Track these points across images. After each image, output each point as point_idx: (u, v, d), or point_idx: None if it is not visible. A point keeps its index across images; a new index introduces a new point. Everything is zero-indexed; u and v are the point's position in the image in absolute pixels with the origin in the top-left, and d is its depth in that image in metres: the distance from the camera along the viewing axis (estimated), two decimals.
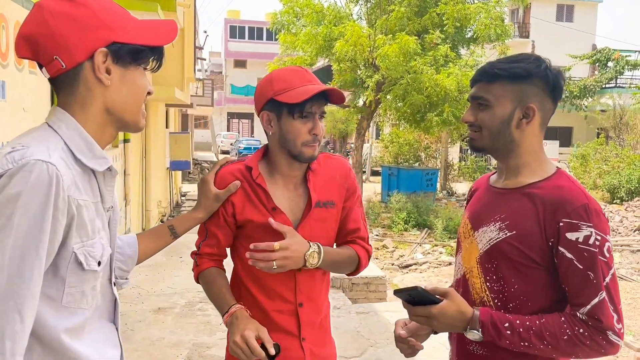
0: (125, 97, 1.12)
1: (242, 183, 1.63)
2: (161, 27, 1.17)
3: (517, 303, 1.40)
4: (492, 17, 11.78)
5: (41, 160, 0.97)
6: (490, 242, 1.43)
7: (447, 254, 8.24)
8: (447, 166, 15.86)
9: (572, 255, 1.32)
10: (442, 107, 11.15)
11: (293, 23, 12.78)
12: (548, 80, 1.40)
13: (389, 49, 10.59)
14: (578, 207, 1.32)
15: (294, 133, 1.58)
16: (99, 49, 1.06)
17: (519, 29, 28.51)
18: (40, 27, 1.04)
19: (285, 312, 1.65)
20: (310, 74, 1.63)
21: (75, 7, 1.05)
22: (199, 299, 5.33)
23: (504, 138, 1.43)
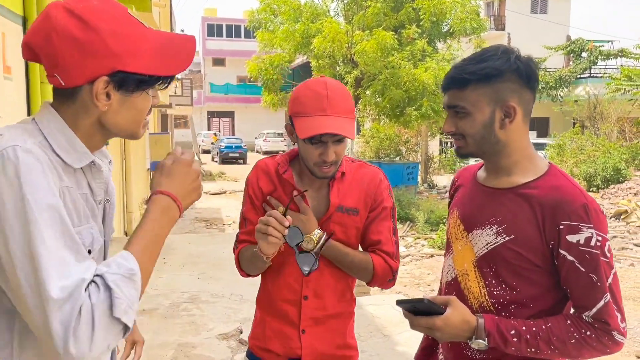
0: (123, 119, 1.09)
1: (273, 177, 1.74)
2: (177, 51, 1.11)
3: (519, 306, 1.36)
4: (467, 11, 11.90)
5: (19, 146, 0.96)
6: (487, 247, 1.38)
7: (429, 246, 8.34)
8: (427, 159, 16.00)
9: (573, 257, 1.28)
10: (421, 101, 11.25)
11: (270, 20, 12.75)
12: (521, 72, 1.34)
13: (367, 45, 10.65)
14: (578, 207, 1.27)
15: (305, 153, 1.65)
16: (100, 78, 1.02)
17: (494, 22, 28.82)
18: (43, 43, 1.01)
19: (289, 302, 1.73)
20: (328, 100, 1.57)
21: (83, 30, 1.00)
22: (183, 299, 5.34)
23: (489, 141, 1.37)
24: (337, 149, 1.61)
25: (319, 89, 1.60)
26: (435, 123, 13.86)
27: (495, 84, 1.34)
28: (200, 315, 4.95)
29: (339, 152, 1.62)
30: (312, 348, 1.73)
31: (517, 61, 1.34)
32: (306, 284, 1.71)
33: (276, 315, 1.75)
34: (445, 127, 1.44)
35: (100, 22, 1.01)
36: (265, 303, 1.79)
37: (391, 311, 4.99)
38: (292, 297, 1.73)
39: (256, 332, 1.81)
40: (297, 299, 1.72)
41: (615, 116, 17.53)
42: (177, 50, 1.11)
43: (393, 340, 4.43)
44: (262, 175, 1.75)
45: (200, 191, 1.17)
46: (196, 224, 9.83)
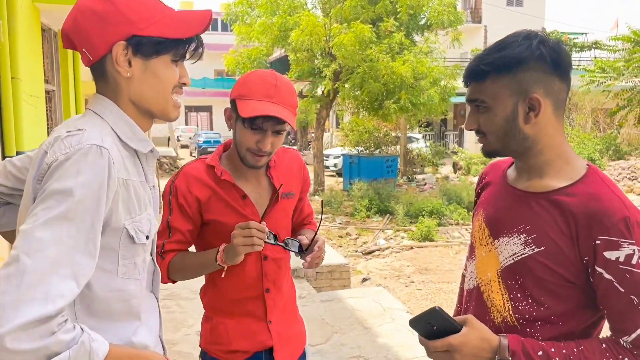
0: (148, 88, 1.16)
1: (207, 182, 1.69)
2: (192, 18, 1.19)
3: (546, 323, 1.23)
4: (444, 4, 11.96)
5: (96, 145, 1.03)
6: (514, 257, 1.25)
7: (408, 239, 8.40)
8: (406, 152, 16.08)
9: (611, 276, 1.14)
10: (399, 94, 11.30)
11: (247, 13, 12.66)
12: (545, 58, 1.18)
13: (345, 38, 10.64)
14: (618, 221, 1.13)
15: (240, 138, 1.64)
16: (117, 42, 1.11)
17: (471, 15, 29.02)
18: (71, 23, 1.13)
19: (253, 297, 1.75)
20: (276, 88, 1.61)
21: (101, 3, 1.11)
22: (162, 296, 5.28)
23: (515, 138, 1.23)
24: (274, 140, 1.63)
25: (268, 78, 1.63)
26: (414, 116, 13.94)
27: (516, 73, 1.19)
28: (180, 312, 4.91)
29: (275, 144, 1.65)
30: (280, 335, 1.78)
31: (541, 46, 1.18)
32: (266, 277, 1.75)
33: (237, 314, 1.75)
34: (467, 124, 1.30)
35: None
36: (221, 306, 1.77)
37: (371, 304, 5.01)
38: (254, 293, 1.75)
39: (215, 337, 1.78)
40: (259, 293, 1.75)
41: (589, 107, 17.85)
42: (192, 16, 1.19)
43: (374, 332, 4.46)
44: (193, 182, 1.69)
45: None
46: None
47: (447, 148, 20.86)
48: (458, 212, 9.70)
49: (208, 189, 1.68)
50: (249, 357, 1.75)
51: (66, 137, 1.05)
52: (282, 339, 1.79)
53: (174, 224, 1.69)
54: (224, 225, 1.67)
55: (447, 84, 12.24)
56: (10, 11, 4.37)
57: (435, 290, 5.99)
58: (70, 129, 1.08)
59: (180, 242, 1.71)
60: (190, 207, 1.68)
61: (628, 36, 14.52)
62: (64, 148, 1.03)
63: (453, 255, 7.56)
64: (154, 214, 1.27)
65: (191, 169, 1.71)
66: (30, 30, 5.03)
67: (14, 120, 4.43)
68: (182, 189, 1.68)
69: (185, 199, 1.68)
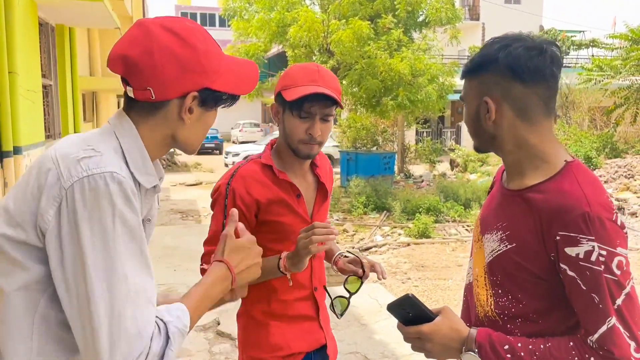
0: (196, 133, 1.16)
1: (265, 182, 1.67)
2: (246, 74, 1.19)
3: (525, 320, 1.24)
4: (443, 1, 11.95)
5: (116, 173, 0.99)
6: (493, 253, 1.28)
7: (405, 235, 8.41)
8: (403, 149, 16.08)
9: (574, 273, 1.13)
10: (397, 91, 11.28)
11: (245, 9, 12.62)
12: (500, 64, 1.21)
13: (343, 34, 10.62)
14: (577, 216, 1.11)
15: (290, 129, 1.64)
16: (192, 93, 1.09)
17: (469, 12, 29.00)
18: (144, 56, 1.05)
19: (304, 298, 1.76)
20: (321, 73, 1.64)
21: (183, 47, 1.07)
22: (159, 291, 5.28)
23: (482, 136, 1.29)
24: (323, 126, 1.64)
25: (309, 66, 1.67)
26: (412, 113, 13.93)
27: (481, 75, 1.25)
28: None
29: (325, 131, 1.65)
30: (327, 331, 1.82)
31: (500, 52, 1.22)
32: (314, 276, 1.78)
33: (291, 316, 1.74)
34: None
35: (196, 40, 1.09)
36: (280, 308, 1.73)
37: (368, 300, 5.02)
38: (304, 294, 1.76)
39: (272, 343, 1.72)
40: (309, 293, 1.77)
41: (586, 105, 17.87)
42: (246, 72, 1.19)
43: (370, 329, 4.47)
44: (252, 184, 1.65)
45: (258, 270, 1.23)
46: (172, 216, 9.72)
47: (445, 145, 20.86)
48: (455, 209, 9.71)
49: (267, 189, 1.67)
50: (304, 357, 1.76)
51: (83, 158, 1.00)
52: (329, 335, 1.83)
53: None
54: (279, 224, 1.68)
55: (444, 81, 12.23)
56: (7, 5, 4.35)
57: (432, 287, 6.01)
58: (86, 147, 1.03)
59: None
60: (249, 210, 1.65)
61: (626, 34, 14.54)
62: (82, 171, 0.98)
63: (449, 252, 7.58)
64: None
65: (247, 170, 1.68)
66: (28, 25, 5.01)
67: (11, 115, 4.42)
68: (240, 192, 1.64)
69: (244, 201, 1.64)
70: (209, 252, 1.66)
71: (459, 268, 6.75)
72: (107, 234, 0.96)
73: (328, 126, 1.66)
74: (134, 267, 0.98)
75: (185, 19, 1.13)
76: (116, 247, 0.96)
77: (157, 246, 7.02)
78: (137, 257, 1.00)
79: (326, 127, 1.66)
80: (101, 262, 0.95)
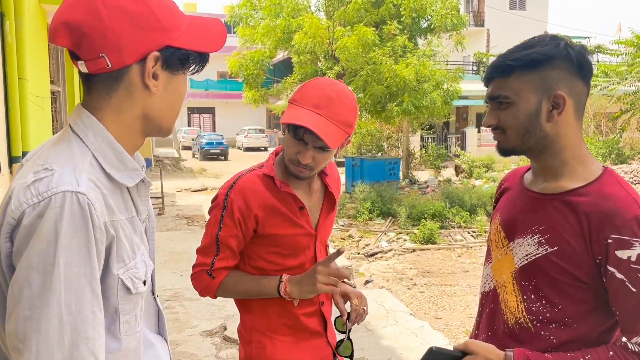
0: (167, 104, 1.02)
1: (265, 195, 1.59)
2: (212, 30, 1.04)
3: (561, 325, 1.23)
4: (448, 7, 11.99)
5: (70, 192, 0.86)
6: (527, 258, 1.26)
7: (410, 241, 8.39)
8: (408, 155, 16.09)
9: (623, 276, 1.13)
10: (402, 97, 11.31)
11: (251, 16, 12.68)
12: (572, 59, 1.20)
13: (348, 41, 10.65)
14: (630, 220, 1.12)
15: (285, 146, 1.58)
16: (153, 53, 0.95)
17: (474, 18, 29.04)
18: (90, 18, 0.91)
19: (311, 313, 1.70)
20: (329, 100, 1.48)
21: (133, 1, 0.93)
22: (166, 297, 5.30)
23: (535, 135, 1.23)
24: (317, 155, 1.52)
25: (324, 86, 1.51)
26: (417, 119, 13.95)
27: (542, 70, 1.20)
28: (183, 312, 4.92)
29: (319, 159, 1.53)
30: (334, 347, 1.76)
31: (568, 47, 1.21)
32: None
33: (301, 330, 1.69)
34: (486, 120, 1.29)
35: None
36: (290, 322, 1.68)
37: (374, 305, 5.02)
38: (312, 309, 1.70)
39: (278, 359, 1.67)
40: (316, 308, 1.71)
41: (592, 111, 17.84)
42: (209, 28, 1.04)
43: (377, 334, 4.47)
44: (251, 197, 1.58)
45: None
46: (177, 221, 9.74)
47: (450, 151, 20.84)
48: (460, 215, 9.69)
49: (267, 202, 1.59)
50: None
51: (33, 182, 0.88)
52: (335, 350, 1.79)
53: (225, 240, 1.59)
54: (279, 237, 1.61)
55: (449, 87, 12.25)
56: (17, 12, 4.40)
57: (438, 293, 6.00)
58: (37, 168, 0.90)
59: (231, 258, 1.62)
60: (246, 223, 1.58)
61: (631, 40, 14.51)
62: (31, 197, 0.86)
63: (455, 258, 7.56)
64: (150, 247, 1.13)
65: (247, 181, 1.60)
66: (37, 32, 5.06)
67: (21, 121, 4.45)
68: (238, 204, 1.57)
69: (242, 214, 1.57)
70: (201, 263, 1.62)
71: (465, 274, 6.73)
72: (45, 268, 0.84)
73: (325, 155, 1.54)
74: (75, 307, 0.85)
75: None
76: (53, 286, 0.84)
77: (163, 251, 7.04)
78: (82, 295, 0.86)
79: (321, 156, 1.53)
80: (37, 300, 0.83)
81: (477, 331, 1.43)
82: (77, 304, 0.86)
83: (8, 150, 4.39)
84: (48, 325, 0.83)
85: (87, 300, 0.87)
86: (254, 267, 1.67)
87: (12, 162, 4.37)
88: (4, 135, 4.32)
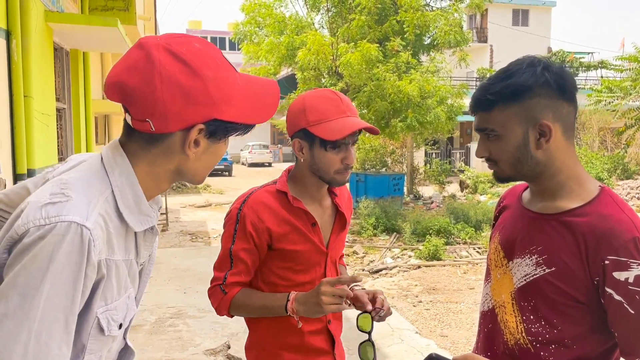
0: (203, 165, 1.04)
1: (278, 210, 1.62)
2: (265, 100, 1.06)
3: (560, 346, 1.22)
4: (451, 24, 12.05)
5: (76, 223, 0.87)
6: (526, 278, 1.25)
7: (415, 257, 8.34)
8: (413, 170, 16.07)
9: (621, 297, 1.12)
10: (406, 112, 11.32)
11: (255, 33, 12.79)
12: (551, 85, 1.19)
13: (352, 57, 10.71)
14: (627, 241, 1.12)
15: (326, 163, 1.58)
16: (197, 125, 0.96)
17: (477, 34, 29.22)
18: (144, 86, 0.93)
19: (318, 331, 1.69)
20: (344, 101, 1.58)
21: (189, 76, 0.94)
22: (169, 314, 5.26)
23: (527, 164, 1.23)
24: (353, 151, 1.61)
25: (330, 96, 1.59)
26: (420, 135, 13.95)
27: (523, 102, 1.20)
28: (186, 330, 4.88)
29: (354, 154, 1.63)
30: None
31: (545, 72, 1.20)
32: None
33: (307, 349, 1.67)
34: (478, 152, 1.30)
35: (204, 67, 0.96)
36: (296, 340, 1.66)
37: (379, 323, 4.96)
38: (319, 326, 1.69)
39: None
40: (323, 326, 1.70)
41: (596, 127, 17.83)
42: (262, 98, 1.06)
43: (383, 352, 4.41)
44: (264, 211, 1.60)
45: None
46: (181, 238, 9.72)
47: (454, 166, 20.80)
48: (465, 230, 9.64)
49: (280, 217, 1.61)
50: None
51: (46, 204, 0.89)
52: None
53: (239, 254, 1.60)
54: (293, 252, 1.62)
55: (453, 103, 12.27)
56: (24, 30, 4.44)
57: (444, 311, 5.93)
58: (56, 190, 0.91)
59: (244, 273, 1.62)
60: (260, 237, 1.59)
61: (635, 56, 14.54)
62: (40, 218, 0.87)
63: (461, 275, 7.50)
64: (139, 289, 1.13)
65: (260, 196, 1.63)
66: (43, 49, 5.10)
67: (26, 138, 4.47)
68: (251, 218, 1.59)
69: (256, 228, 1.59)
70: (216, 278, 1.63)
71: (471, 291, 6.67)
72: (28, 291, 0.83)
73: (354, 149, 1.64)
74: (44, 338, 0.84)
75: (194, 39, 1.00)
76: (30, 311, 0.83)
77: (167, 268, 7.01)
78: (55, 328, 0.85)
79: (354, 152, 1.63)
80: (9, 320, 0.83)
81: (476, 351, 1.43)
82: (47, 335, 0.85)
83: (13, 167, 4.41)
84: (13, 348, 0.83)
85: (58, 334, 0.86)
86: (265, 283, 1.67)
87: (16, 179, 4.37)
88: (9, 153, 4.33)
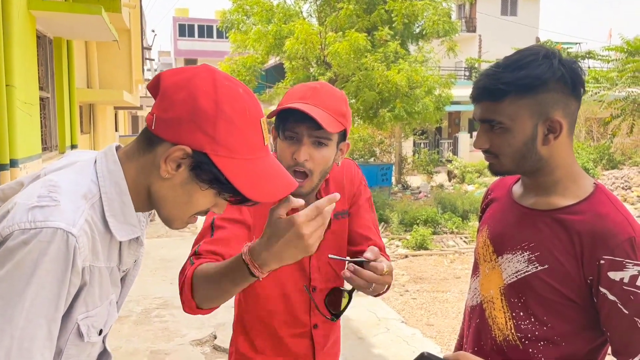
0: (172, 199, 0.99)
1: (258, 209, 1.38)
2: (265, 184, 0.97)
3: (549, 343, 1.21)
4: (439, 14, 12.03)
5: (62, 230, 0.86)
6: (517, 275, 1.23)
7: (403, 247, 8.39)
8: (401, 160, 16.10)
9: (615, 297, 1.12)
10: (394, 102, 11.32)
11: (243, 21, 12.68)
12: (566, 80, 1.16)
13: (340, 46, 10.66)
14: (623, 241, 1.11)
15: (279, 155, 1.42)
16: (185, 146, 0.93)
17: (465, 24, 29.21)
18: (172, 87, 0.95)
19: (299, 335, 1.57)
20: (314, 91, 1.39)
21: (208, 100, 0.93)
22: (155, 305, 5.25)
23: (530, 159, 1.20)
24: (314, 152, 1.36)
25: (310, 84, 1.44)
26: (408, 124, 13.97)
27: (537, 95, 1.15)
28: (173, 321, 4.87)
29: (316, 157, 1.37)
30: None
31: (562, 67, 1.16)
32: (314, 311, 1.55)
33: (285, 353, 1.56)
34: (477, 142, 1.23)
35: (228, 104, 0.94)
36: (272, 344, 1.55)
37: (365, 314, 4.99)
38: (301, 330, 1.56)
39: None
40: (307, 330, 1.57)
41: (583, 117, 17.95)
42: (267, 182, 0.98)
43: (368, 342, 4.44)
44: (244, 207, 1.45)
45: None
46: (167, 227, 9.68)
47: (442, 156, 20.88)
48: (453, 220, 9.70)
49: (259, 211, 1.41)
50: None
51: (33, 207, 0.87)
52: None
53: (222, 223, 1.40)
54: None
55: (441, 93, 12.29)
56: (5, 18, 4.36)
57: (430, 300, 5.98)
58: (44, 192, 0.90)
59: (223, 242, 1.36)
60: (245, 216, 1.43)
61: (621, 47, 14.64)
62: (26, 222, 0.86)
63: (448, 264, 7.56)
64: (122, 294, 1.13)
65: None
66: (26, 38, 5.01)
67: (8, 128, 4.41)
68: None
69: (236, 219, 1.42)
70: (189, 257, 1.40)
71: (457, 280, 6.73)
72: (11, 297, 0.83)
73: (322, 151, 1.38)
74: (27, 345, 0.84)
75: (242, 84, 1.00)
76: (13, 318, 0.83)
77: (153, 259, 6.99)
78: (38, 334, 0.85)
79: (318, 153, 1.37)
80: None
81: (465, 345, 1.41)
82: (29, 342, 0.85)
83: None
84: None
85: (41, 341, 0.86)
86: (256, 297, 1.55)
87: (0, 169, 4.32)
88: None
